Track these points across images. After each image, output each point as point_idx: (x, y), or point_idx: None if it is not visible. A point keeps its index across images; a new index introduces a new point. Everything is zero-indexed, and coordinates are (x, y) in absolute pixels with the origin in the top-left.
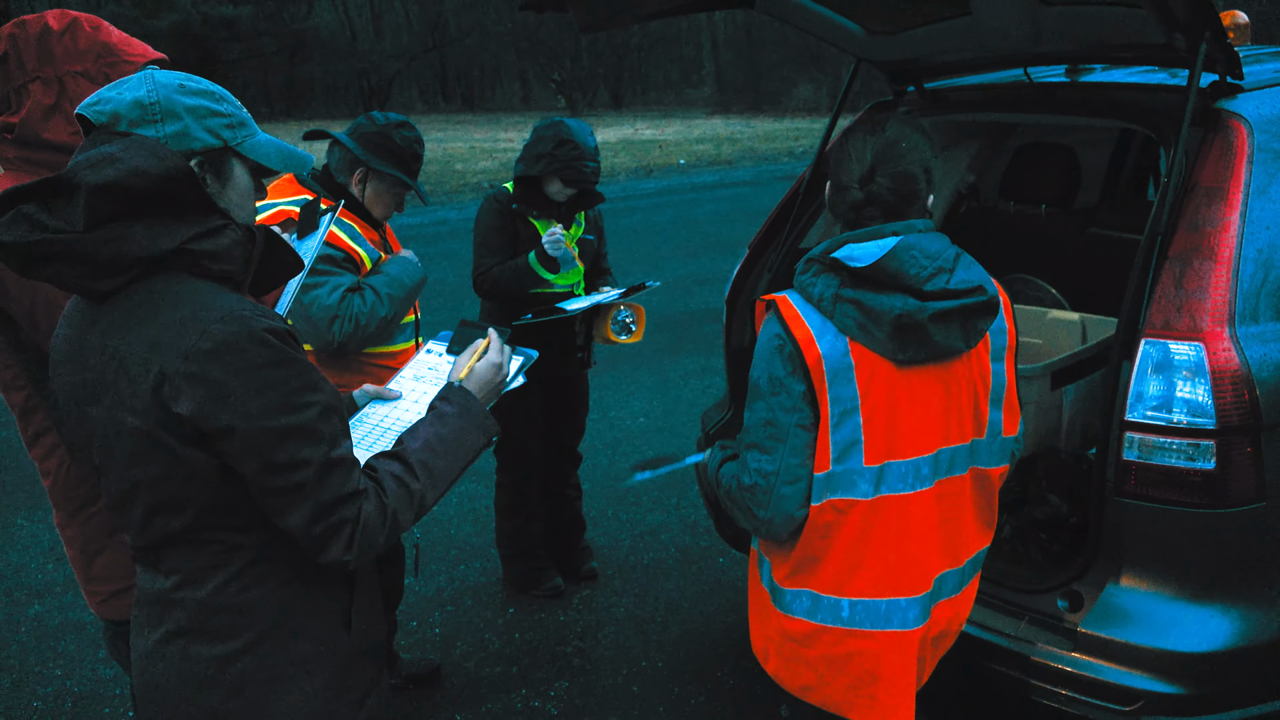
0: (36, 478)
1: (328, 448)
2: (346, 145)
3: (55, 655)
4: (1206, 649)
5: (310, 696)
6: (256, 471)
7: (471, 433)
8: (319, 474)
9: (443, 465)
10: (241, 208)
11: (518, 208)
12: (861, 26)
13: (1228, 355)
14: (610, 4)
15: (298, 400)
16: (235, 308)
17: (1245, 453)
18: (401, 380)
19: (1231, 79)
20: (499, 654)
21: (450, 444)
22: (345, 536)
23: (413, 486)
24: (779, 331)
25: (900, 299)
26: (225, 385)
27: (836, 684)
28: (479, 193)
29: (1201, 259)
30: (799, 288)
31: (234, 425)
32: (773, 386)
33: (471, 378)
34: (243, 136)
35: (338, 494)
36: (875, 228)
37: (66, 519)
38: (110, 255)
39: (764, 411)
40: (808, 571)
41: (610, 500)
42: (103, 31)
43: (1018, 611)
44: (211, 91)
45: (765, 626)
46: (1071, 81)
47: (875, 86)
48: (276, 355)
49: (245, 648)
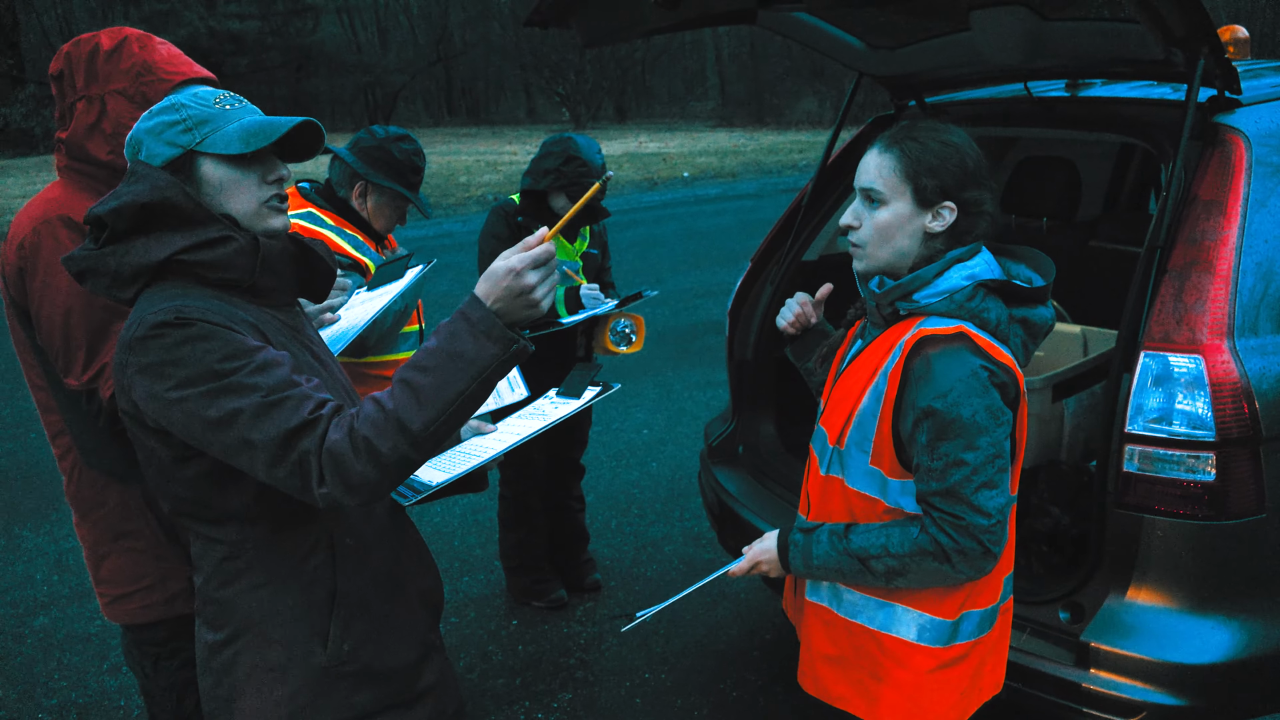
0: (43, 489)
1: (262, 395)
2: (346, 160)
3: (61, 667)
4: (1209, 661)
5: (274, 704)
6: (202, 439)
7: (469, 339)
8: (254, 419)
9: (430, 381)
10: (233, 203)
11: (523, 221)
12: (863, 41)
13: (1227, 368)
14: (613, 20)
15: (219, 368)
16: (176, 302)
17: (1245, 464)
18: (507, 421)
19: (1230, 94)
20: (502, 666)
21: (440, 356)
22: (314, 470)
23: (387, 407)
24: (982, 363)
25: (1050, 309)
26: (156, 368)
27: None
28: (483, 205)
29: (1200, 272)
30: (970, 313)
31: (168, 399)
32: (996, 419)
33: (482, 280)
34: (203, 134)
35: (283, 428)
36: (993, 245)
37: (80, 519)
38: (115, 266)
39: (990, 447)
40: (980, 589)
41: (614, 512)
42: (148, 50)
43: (1019, 623)
44: (173, 105)
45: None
46: (1071, 96)
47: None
48: (196, 332)
49: (227, 640)
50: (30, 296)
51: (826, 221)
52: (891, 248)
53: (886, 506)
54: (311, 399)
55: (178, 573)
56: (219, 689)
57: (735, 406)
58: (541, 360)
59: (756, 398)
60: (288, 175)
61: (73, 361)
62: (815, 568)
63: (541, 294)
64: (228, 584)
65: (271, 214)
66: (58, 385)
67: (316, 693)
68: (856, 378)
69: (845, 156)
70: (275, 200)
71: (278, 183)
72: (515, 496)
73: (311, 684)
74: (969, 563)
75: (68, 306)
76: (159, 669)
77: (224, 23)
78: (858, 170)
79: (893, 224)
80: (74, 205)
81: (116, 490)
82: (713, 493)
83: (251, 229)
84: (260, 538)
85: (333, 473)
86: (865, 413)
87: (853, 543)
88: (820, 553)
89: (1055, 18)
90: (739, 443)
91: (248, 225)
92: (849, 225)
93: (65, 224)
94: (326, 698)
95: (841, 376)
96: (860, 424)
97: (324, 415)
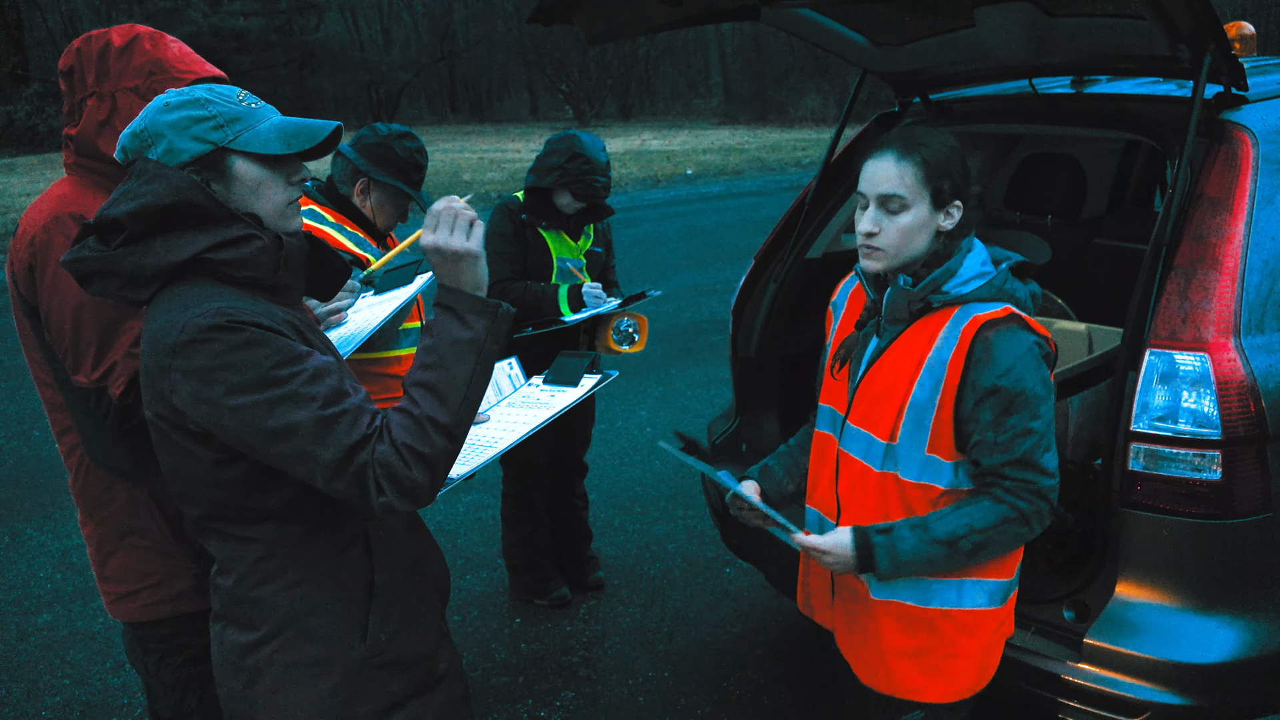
0: (46, 487)
1: (320, 405)
2: (348, 156)
3: (64, 664)
4: (1214, 660)
5: (316, 699)
6: (259, 447)
7: (456, 324)
8: (315, 432)
9: (441, 376)
10: (261, 202)
11: (527, 218)
12: (867, 38)
13: (1233, 366)
14: (617, 17)
15: (276, 374)
16: (218, 304)
17: (1251, 463)
18: (496, 408)
19: (1236, 90)
20: (505, 664)
21: (440, 350)
22: (372, 481)
23: (414, 413)
24: (1035, 339)
25: (1034, 283)
26: (207, 372)
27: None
28: (487, 203)
29: (1206, 269)
30: (1008, 295)
31: (221, 405)
32: (1049, 388)
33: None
34: (236, 132)
35: (345, 443)
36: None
37: (85, 517)
38: (132, 267)
39: (1048, 413)
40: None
41: (616, 510)
42: (160, 47)
43: (1024, 622)
44: (196, 100)
45: (988, 643)
46: (1077, 92)
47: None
48: (247, 338)
49: (261, 640)
50: (40, 293)
51: (830, 219)
52: (912, 248)
53: (943, 490)
54: (366, 411)
55: (184, 570)
56: (254, 687)
57: (738, 404)
58: (544, 357)
59: (760, 396)
60: (308, 175)
61: (82, 359)
62: (904, 564)
63: (460, 242)
64: (264, 583)
65: (293, 214)
66: (65, 383)
67: (357, 684)
68: (898, 372)
69: (849, 154)
70: (295, 201)
71: (299, 184)
72: (518, 495)
73: (353, 676)
74: (1042, 520)
75: (78, 304)
76: (162, 666)
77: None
78: (867, 177)
79: (914, 227)
80: (85, 202)
81: (124, 488)
82: (716, 491)
83: (274, 228)
84: (298, 535)
85: (389, 482)
86: (919, 403)
87: (938, 531)
88: (907, 549)
89: (1060, 14)
90: (742, 441)
91: (271, 225)
92: (870, 232)
93: (77, 221)
94: (366, 688)
95: (872, 375)
96: (914, 415)
97: (378, 428)
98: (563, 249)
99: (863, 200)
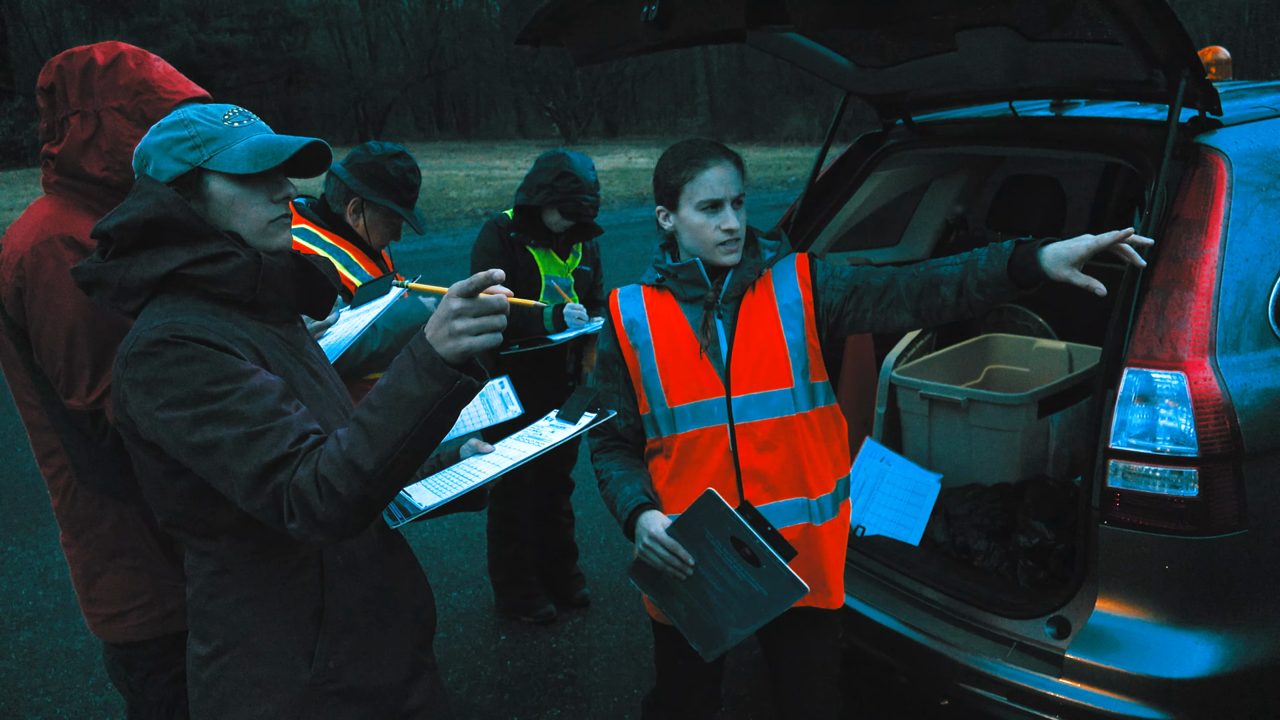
0: (28, 504)
1: (248, 423)
2: (341, 176)
3: (45, 682)
4: (1192, 674)
5: (261, 719)
6: (187, 460)
7: (413, 378)
8: (235, 449)
9: (379, 421)
10: (239, 220)
11: (516, 236)
12: (851, 61)
13: (1209, 384)
14: (604, 39)
15: (209, 391)
16: (173, 319)
17: (1227, 480)
18: (507, 441)
19: (1211, 114)
20: (490, 681)
21: (389, 395)
22: (286, 505)
23: (343, 445)
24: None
25: None
26: (149, 385)
27: None
28: (474, 220)
29: (1183, 289)
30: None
31: (155, 418)
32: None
33: (432, 317)
34: (211, 152)
35: (261, 461)
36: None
37: (70, 539)
38: (119, 280)
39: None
40: None
41: (603, 527)
42: (145, 67)
43: (1004, 638)
44: (182, 121)
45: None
46: (1056, 115)
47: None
48: (189, 353)
49: (214, 653)
50: (30, 317)
51: (815, 237)
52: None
53: (821, 409)
54: (293, 431)
55: (174, 590)
56: (205, 701)
57: None
58: (530, 378)
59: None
60: (294, 193)
61: (76, 382)
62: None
63: (461, 326)
64: (216, 597)
65: (277, 232)
66: (54, 405)
67: (300, 709)
68: (765, 330)
69: (834, 173)
70: (281, 219)
71: (284, 201)
72: (504, 511)
73: (296, 700)
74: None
75: (71, 326)
76: (148, 684)
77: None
78: (718, 183)
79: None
80: (72, 222)
81: (113, 508)
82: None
83: (256, 246)
84: (250, 553)
85: (300, 509)
86: (796, 343)
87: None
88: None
89: (1040, 39)
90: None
91: (253, 242)
92: (735, 228)
93: (66, 243)
94: (310, 715)
95: (743, 345)
96: (796, 355)
97: (302, 450)
98: (551, 267)
99: (713, 206)
